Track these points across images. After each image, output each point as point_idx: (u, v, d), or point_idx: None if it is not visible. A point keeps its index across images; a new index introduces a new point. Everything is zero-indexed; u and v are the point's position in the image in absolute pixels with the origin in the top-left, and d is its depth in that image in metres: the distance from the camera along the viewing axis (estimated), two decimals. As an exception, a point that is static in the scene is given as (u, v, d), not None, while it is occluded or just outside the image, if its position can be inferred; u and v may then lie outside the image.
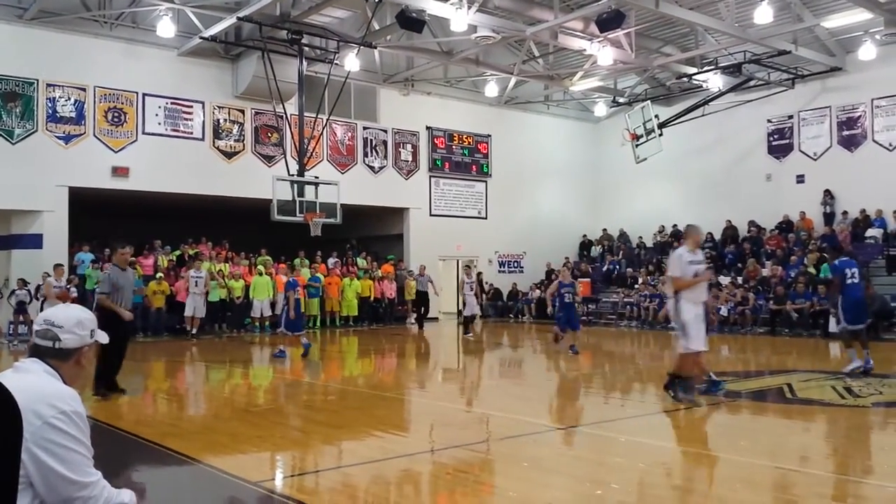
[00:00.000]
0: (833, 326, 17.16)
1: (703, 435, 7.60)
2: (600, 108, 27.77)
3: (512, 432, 7.22)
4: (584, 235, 28.77)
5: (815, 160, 23.35)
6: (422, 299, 21.97)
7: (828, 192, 22.75)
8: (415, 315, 22.32)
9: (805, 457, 6.42)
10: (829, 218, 22.65)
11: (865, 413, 8.35)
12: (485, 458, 6.48)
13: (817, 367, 12.46)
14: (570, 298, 14.30)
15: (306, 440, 7.22)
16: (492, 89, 25.19)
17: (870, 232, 21.26)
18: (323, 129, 21.75)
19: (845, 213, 22.23)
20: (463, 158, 26.62)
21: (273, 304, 20.30)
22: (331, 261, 22.97)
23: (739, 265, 22.54)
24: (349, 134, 24.15)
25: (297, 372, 12.70)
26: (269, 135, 22.37)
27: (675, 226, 26.03)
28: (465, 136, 26.64)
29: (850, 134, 22.67)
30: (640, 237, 27.21)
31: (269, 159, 22.22)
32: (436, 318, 24.66)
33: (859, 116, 22.46)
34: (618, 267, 26.08)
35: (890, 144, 21.70)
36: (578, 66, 24.15)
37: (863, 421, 8.11)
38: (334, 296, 22.21)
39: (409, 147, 25.44)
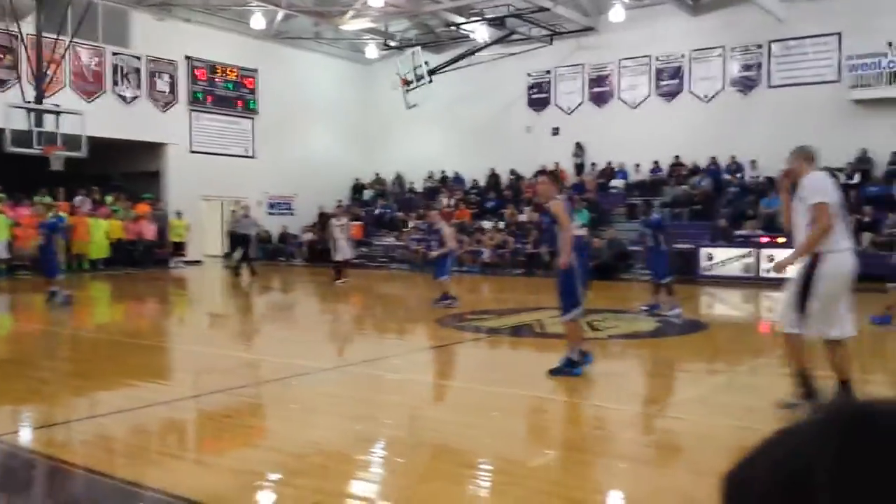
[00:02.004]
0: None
1: (464, 368, 7.97)
2: (372, 51, 27.58)
3: (279, 375, 7.08)
4: (357, 179, 28.75)
5: (569, 114, 25.09)
6: (241, 241, 19.53)
7: (579, 145, 24.60)
8: (235, 258, 19.76)
9: (554, 386, 6.95)
10: (579, 168, 24.54)
11: (605, 344, 9.23)
12: (251, 402, 6.29)
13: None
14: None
15: (53, 392, 6.56)
16: (258, 21, 23.82)
17: (613, 182, 23.37)
18: (65, 52, 19.45)
19: (594, 164, 24.21)
20: (227, 93, 25.25)
21: (9, 246, 18.13)
22: (77, 199, 20.88)
23: (501, 211, 23.78)
24: (96, 59, 21.86)
25: (41, 320, 11.49)
26: (2, 56, 19.63)
27: (443, 172, 26.84)
28: (229, 69, 25.24)
29: (599, 91, 24.60)
30: (412, 182, 27.74)
31: (1, 84, 19.54)
32: (199, 262, 23.50)
33: (608, 75, 24.41)
34: (388, 211, 26.43)
35: (633, 102, 23.86)
36: (349, 5, 23.71)
37: (602, 352, 8.97)
38: (82, 238, 20.24)
39: (165, 77, 23.58)
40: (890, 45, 18.94)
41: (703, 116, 22.15)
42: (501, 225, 22.82)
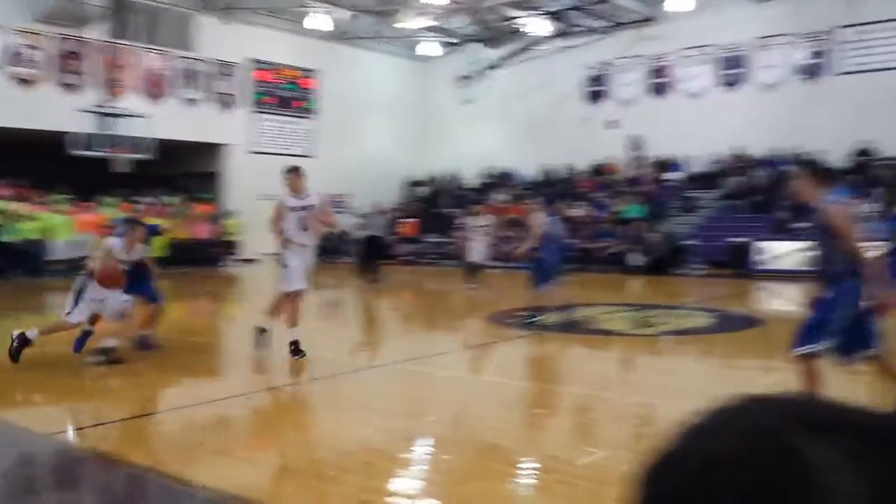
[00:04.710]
0: (634, 262, 18.55)
1: (511, 366, 7.98)
2: (431, 48, 27.70)
3: (329, 372, 7.21)
4: (412, 176, 28.92)
5: (626, 106, 24.71)
6: (373, 245, 17.49)
7: (636, 138, 24.18)
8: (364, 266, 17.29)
9: (604, 383, 6.90)
10: (637, 161, 24.13)
11: (656, 341, 9.11)
12: (300, 399, 6.44)
13: (618, 300, 13.42)
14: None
15: (110, 388, 6.83)
16: (320, 21, 24.23)
17: (669, 175, 22.93)
18: (134, 57, 20.14)
19: (651, 157, 23.78)
20: (288, 93, 25.72)
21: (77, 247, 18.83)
22: (146, 200, 21.55)
23: (555, 206, 23.57)
24: (161, 63, 22.56)
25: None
26: (74, 62, 20.42)
27: (498, 168, 26.80)
28: (290, 71, 25.70)
29: (659, 82, 24.15)
30: (466, 179, 27.78)
31: (72, 89, 20.34)
32: (255, 260, 23.98)
33: (668, 66, 23.93)
34: (443, 208, 26.50)
35: (694, 93, 23.34)
36: (409, 4, 23.87)
37: (653, 348, 8.86)
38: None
39: (228, 79, 24.19)
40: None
41: (765, 106, 21.53)
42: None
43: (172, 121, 21.70)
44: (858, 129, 19.50)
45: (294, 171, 7.96)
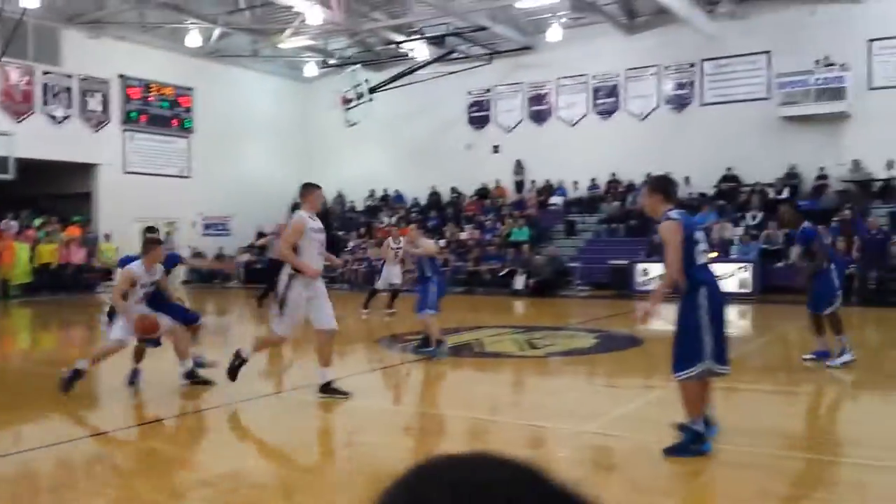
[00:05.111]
0: (519, 284, 18.92)
1: (401, 391, 7.88)
2: (311, 69, 27.42)
3: (213, 403, 6.87)
4: (296, 198, 28.39)
5: (509, 132, 25.33)
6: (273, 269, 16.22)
7: (519, 163, 24.83)
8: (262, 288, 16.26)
9: (494, 406, 6.92)
10: (519, 186, 24.76)
11: (544, 362, 9.26)
12: (182, 432, 6.09)
13: (505, 322, 13.60)
14: None
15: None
16: (194, 38, 23.47)
17: (553, 199, 23.63)
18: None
19: (533, 181, 24.44)
20: (162, 112, 24.75)
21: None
22: (3, 223, 20.10)
23: (443, 229, 23.80)
24: (26, 78, 21.20)
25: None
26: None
27: (384, 190, 26.78)
28: (164, 88, 24.76)
29: (538, 109, 24.90)
30: (352, 201, 27.57)
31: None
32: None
33: (546, 93, 24.73)
34: (328, 231, 26.16)
35: (571, 120, 24.20)
36: (288, 23, 23.54)
37: (541, 369, 9.00)
38: (8, 263, 19.38)
39: (98, 96, 23.00)
40: (817, 62, 19.65)
41: (638, 134, 22.60)
42: (443, 243, 22.79)
43: (37, 139, 20.42)
44: (723, 157, 20.79)
45: (318, 188, 6.87)
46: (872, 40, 19.52)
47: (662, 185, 5.25)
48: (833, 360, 8.05)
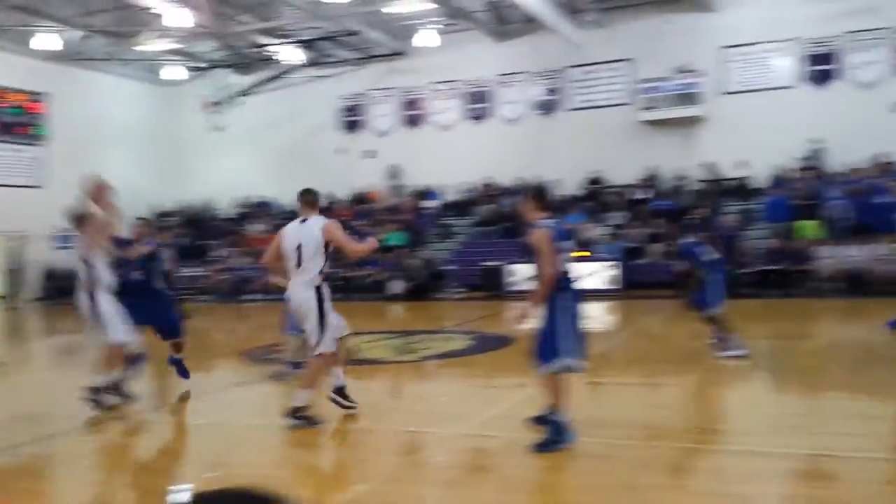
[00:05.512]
0: (395, 289, 18.88)
1: (269, 406, 7.61)
2: (174, 72, 26.24)
3: (63, 428, 6.37)
4: (160, 206, 27.13)
5: (382, 137, 25.22)
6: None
7: (393, 167, 24.75)
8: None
9: (369, 414, 6.79)
10: (394, 190, 24.68)
11: (420, 366, 9.22)
12: (29, 461, 5.61)
13: (380, 328, 13.48)
14: None
15: None
16: (48, 41, 21.90)
17: (426, 203, 23.71)
18: None
19: (408, 186, 24.43)
20: (12, 119, 23.03)
21: None
22: None
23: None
24: None
25: None
26: None
27: (257, 197, 26.04)
28: (13, 94, 23.05)
29: (412, 114, 24.94)
30: (218, 209, 26.62)
31: None
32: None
33: (420, 99, 24.81)
34: (194, 240, 25.09)
35: (444, 126, 24.39)
36: (148, 25, 22.44)
37: (417, 373, 8.95)
38: None
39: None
40: (676, 69, 20.71)
41: (510, 138, 23.07)
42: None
43: None
44: (589, 160, 21.54)
45: (315, 195, 6.43)
46: (725, 47, 20.79)
47: (537, 194, 5.61)
48: (725, 351, 8.48)
